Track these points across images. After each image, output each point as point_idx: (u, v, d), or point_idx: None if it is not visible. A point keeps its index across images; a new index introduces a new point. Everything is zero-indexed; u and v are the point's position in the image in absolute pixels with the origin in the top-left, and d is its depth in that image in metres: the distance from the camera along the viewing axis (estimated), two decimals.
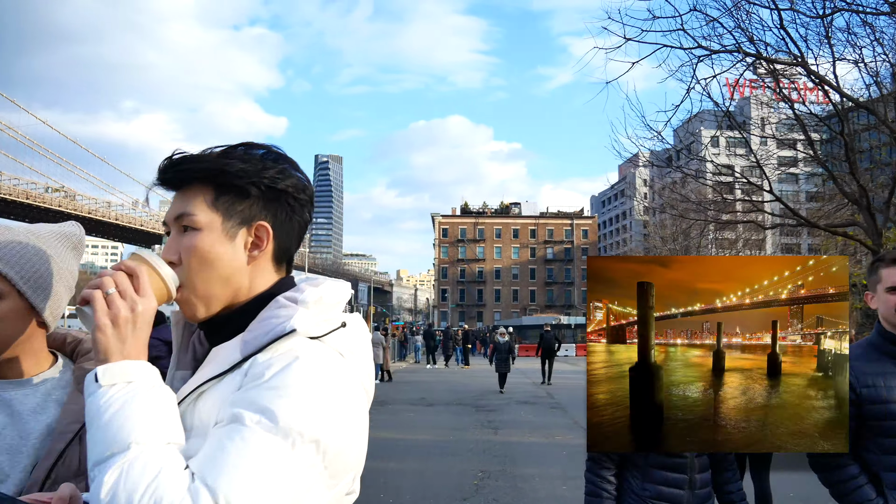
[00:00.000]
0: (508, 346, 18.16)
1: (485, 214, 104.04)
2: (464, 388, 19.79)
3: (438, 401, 15.95)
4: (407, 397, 16.71)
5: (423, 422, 12.40)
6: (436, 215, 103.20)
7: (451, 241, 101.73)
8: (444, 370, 29.10)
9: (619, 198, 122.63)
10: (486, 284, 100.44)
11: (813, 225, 12.87)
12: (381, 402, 14.91)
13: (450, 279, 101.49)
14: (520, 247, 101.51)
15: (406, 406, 14.79)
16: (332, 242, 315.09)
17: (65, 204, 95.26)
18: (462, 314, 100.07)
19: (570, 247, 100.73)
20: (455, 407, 14.72)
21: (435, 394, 17.79)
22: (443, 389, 19.14)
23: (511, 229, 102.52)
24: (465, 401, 16.04)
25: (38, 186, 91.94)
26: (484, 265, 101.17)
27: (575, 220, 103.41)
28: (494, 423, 12.23)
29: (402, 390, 18.63)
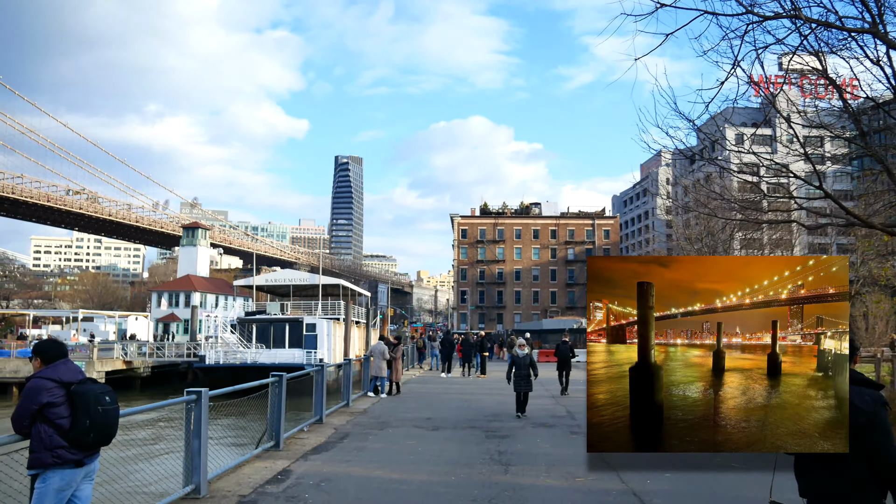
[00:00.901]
0: (530, 361, 15.61)
1: (504, 215, 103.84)
2: (477, 403, 18.22)
3: (446, 422, 14.36)
4: (412, 416, 15.29)
5: (425, 453, 10.87)
6: (455, 216, 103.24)
7: (470, 242, 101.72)
8: (458, 380, 27.21)
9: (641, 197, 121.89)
10: (506, 286, 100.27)
11: (868, 224, 12.14)
12: (382, 424, 13.94)
13: (469, 280, 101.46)
14: (540, 248, 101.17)
15: (409, 429, 13.36)
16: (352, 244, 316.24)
17: (86, 206, 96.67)
18: (481, 316, 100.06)
19: (591, 247, 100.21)
20: (463, 432, 13.04)
21: (444, 412, 16.26)
22: (453, 406, 17.68)
23: (531, 230, 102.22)
24: (477, 422, 14.45)
25: (58, 189, 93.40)
26: (504, 266, 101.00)
27: (596, 220, 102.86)
28: (506, 455, 10.60)
29: (409, 407, 17.30)
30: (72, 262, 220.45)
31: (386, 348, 19.78)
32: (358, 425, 13.64)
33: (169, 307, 70.73)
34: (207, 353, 40.73)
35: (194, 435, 7.60)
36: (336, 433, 12.51)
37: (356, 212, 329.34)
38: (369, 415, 15.45)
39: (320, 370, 13.96)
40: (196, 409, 7.65)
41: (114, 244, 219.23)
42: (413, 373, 29.83)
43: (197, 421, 7.63)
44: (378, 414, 15.62)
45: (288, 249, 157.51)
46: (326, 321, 44.19)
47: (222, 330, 42.82)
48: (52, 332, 62.84)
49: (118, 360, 43.21)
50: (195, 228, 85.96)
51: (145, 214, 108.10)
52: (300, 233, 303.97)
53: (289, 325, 42.83)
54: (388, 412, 15.94)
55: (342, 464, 9.85)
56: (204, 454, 7.60)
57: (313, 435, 12.16)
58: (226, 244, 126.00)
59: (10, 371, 40.78)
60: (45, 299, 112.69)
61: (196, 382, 41.35)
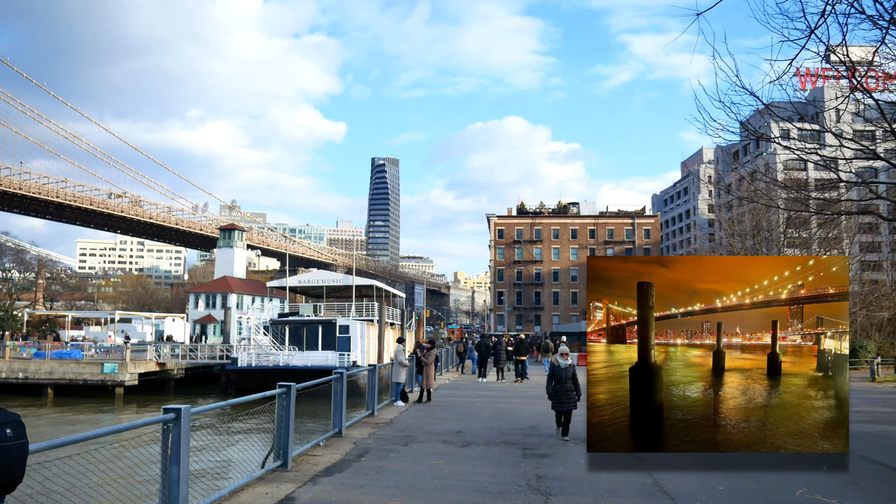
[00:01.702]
0: (573, 373, 13.13)
1: (542, 214, 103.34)
2: (512, 413, 17.09)
3: (478, 436, 13.13)
4: (441, 429, 14.14)
5: (452, 476, 9.56)
6: (491, 216, 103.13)
7: (507, 243, 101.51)
8: (493, 386, 26.39)
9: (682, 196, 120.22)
10: (544, 287, 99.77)
11: None
12: (407, 438, 12.79)
13: (506, 281, 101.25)
14: (578, 248, 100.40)
15: (436, 444, 12.15)
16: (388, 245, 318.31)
17: (127, 209, 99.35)
18: (519, 318, 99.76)
19: (631, 247, 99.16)
20: (497, 449, 11.79)
21: (476, 423, 15.16)
22: (487, 416, 16.59)
23: (569, 229, 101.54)
24: (512, 436, 13.07)
25: (101, 193, 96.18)
26: (541, 267, 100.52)
27: (636, 219, 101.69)
28: (546, 482, 9.11)
29: (439, 417, 16.23)
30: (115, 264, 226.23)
31: (403, 353, 18.70)
32: (380, 439, 12.61)
33: (206, 308, 72.09)
34: (239, 356, 40.87)
35: (172, 461, 6.51)
36: (355, 449, 11.50)
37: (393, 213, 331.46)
38: (395, 426, 14.46)
39: (339, 378, 12.62)
40: (175, 430, 6.53)
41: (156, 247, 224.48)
42: (449, 376, 28.76)
43: (176, 445, 6.53)
44: (404, 426, 14.68)
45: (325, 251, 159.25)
46: (360, 323, 44.19)
47: (255, 332, 43.20)
48: (91, 333, 64.59)
49: (151, 361, 43.72)
50: (232, 230, 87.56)
51: (185, 217, 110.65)
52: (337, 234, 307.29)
53: (322, 326, 42.89)
54: (415, 423, 14.95)
55: (355, 490, 8.77)
56: (184, 484, 6.55)
57: (329, 451, 11.15)
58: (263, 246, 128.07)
59: (44, 372, 41.43)
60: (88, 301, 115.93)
61: (228, 385, 41.82)
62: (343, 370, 12.95)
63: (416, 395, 19.56)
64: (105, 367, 41.21)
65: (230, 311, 52.80)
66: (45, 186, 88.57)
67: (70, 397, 39.78)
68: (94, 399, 39.62)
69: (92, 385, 40.97)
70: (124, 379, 40.60)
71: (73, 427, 30.22)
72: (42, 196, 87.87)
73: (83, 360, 43.14)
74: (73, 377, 41.10)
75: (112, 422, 32.65)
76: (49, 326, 65.07)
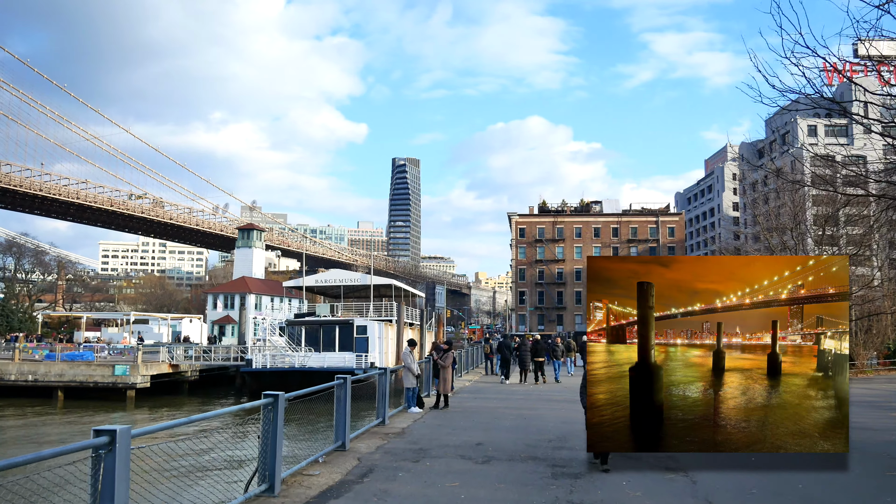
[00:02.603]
0: None
1: (563, 213, 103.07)
2: (538, 422, 15.40)
3: (500, 449, 11.73)
4: (458, 441, 12.64)
5: (470, 501, 8.05)
6: (512, 215, 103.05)
7: (528, 242, 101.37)
8: (517, 389, 24.95)
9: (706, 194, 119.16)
10: (566, 286, 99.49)
11: None
12: (419, 452, 11.46)
13: (528, 281, 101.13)
14: (601, 246, 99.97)
15: (452, 460, 10.82)
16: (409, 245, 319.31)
17: (147, 210, 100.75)
18: (541, 317, 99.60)
19: (655, 245, 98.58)
20: (522, 466, 10.36)
21: (498, 433, 13.66)
22: (509, 425, 14.99)
23: (591, 228, 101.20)
24: (539, 450, 11.61)
25: (121, 194, 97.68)
26: (563, 266, 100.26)
27: (660, 216, 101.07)
28: None
29: (457, 426, 14.58)
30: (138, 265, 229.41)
31: (411, 356, 17.32)
32: (389, 453, 11.32)
33: (224, 309, 72.38)
34: (254, 357, 40.55)
35: (103, 498, 5.12)
36: (358, 467, 10.07)
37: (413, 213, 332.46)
38: (407, 438, 13.04)
39: (343, 383, 11.26)
40: (109, 458, 5.16)
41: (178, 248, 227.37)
42: (464, 382, 27.35)
43: (109, 477, 5.14)
44: (417, 437, 13.19)
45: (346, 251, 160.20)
46: (378, 323, 43.74)
47: (270, 332, 42.90)
48: (108, 334, 65.27)
49: (164, 363, 43.15)
50: (250, 230, 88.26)
51: (205, 218, 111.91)
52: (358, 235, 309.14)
53: (339, 327, 42.53)
54: (429, 434, 13.46)
55: None
56: None
57: (327, 470, 9.65)
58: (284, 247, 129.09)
59: (55, 375, 41.01)
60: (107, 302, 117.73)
61: (244, 387, 41.56)
62: (346, 377, 11.53)
63: (432, 399, 18.67)
64: (116, 369, 40.88)
65: (245, 312, 52.35)
66: (66, 188, 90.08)
67: (81, 400, 39.50)
68: (105, 402, 39.21)
69: (103, 387, 40.52)
70: (136, 381, 40.22)
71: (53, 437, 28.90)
72: (63, 197, 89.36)
73: (94, 361, 42.87)
74: (83, 379, 40.77)
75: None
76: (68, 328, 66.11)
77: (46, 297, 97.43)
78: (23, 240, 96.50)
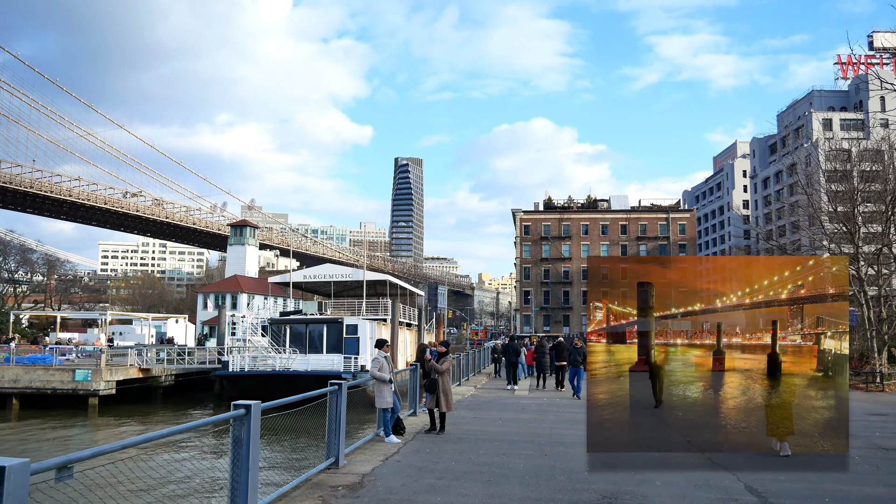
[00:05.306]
0: None
1: (570, 209, 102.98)
2: (566, 461, 9.67)
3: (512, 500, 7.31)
4: (455, 487, 8.28)
5: None
6: (517, 211, 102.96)
7: (534, 239, 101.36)
8: (528, 399, 21.39)
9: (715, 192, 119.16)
10: (573, 285, 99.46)
11: None
12: None
13: (533, 280, 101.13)
14: (609, 244, 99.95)
15: None
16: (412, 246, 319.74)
17: (143, 209, 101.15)
18: (546, 318, 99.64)
19: (665, 243, 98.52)
20: None
21: (508, 484, 8.18)
22: (526, 467, 9.48)
23: (599, 225, 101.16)
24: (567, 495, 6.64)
25: (116, 192, 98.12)
26: (570, 264, 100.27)
27: (671, 213, 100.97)
28: None
29: (447, 470, 9.68)
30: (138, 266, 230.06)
31: (384, 361, 12.72)
32: None
33: (215, 309, 69.75)
34: (231, 359, 37.92)
35: None
36: None
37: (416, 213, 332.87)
38: (364, 497, 8.10)
39: (240, 420, 6.44)
40: None
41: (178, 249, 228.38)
42: (463, 391, 23.77)
43: None
44: (383, 493, 8.32)
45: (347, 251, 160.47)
46: (370, 322, 40.65)
47: (251, 332, 39.47)
48: (93, 336, 63.88)
49: (133, 367, 39.16)
50: (243, 227, 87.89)
51: (203, 217, 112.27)
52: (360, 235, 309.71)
53: (327, 326, 39.57)
54: (400, 491, 8.37)
55: None
56: None
57: None
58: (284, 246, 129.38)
59: (8, 380, 36.94)
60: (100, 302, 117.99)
61: (222, 392, 38.46)
62: (243, 411, 6.77)
63: (420, 418, 15.40)
64: (77, 374, 36.70)
65: (223, 311, 49.52)
66: (58, 185, 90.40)
67: (38, 409, 35.63)
68: (65, 410, 35.24)
69: (62, 395, 36.57)
70: (98, 388, 36.33)
71: None
72: (54, 195, 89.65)
73: (52, 366, 38.27)
74: (40, 385, 36.76)
75: None
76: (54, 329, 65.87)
77: (40, 297, 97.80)
78: (9, 236, 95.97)
